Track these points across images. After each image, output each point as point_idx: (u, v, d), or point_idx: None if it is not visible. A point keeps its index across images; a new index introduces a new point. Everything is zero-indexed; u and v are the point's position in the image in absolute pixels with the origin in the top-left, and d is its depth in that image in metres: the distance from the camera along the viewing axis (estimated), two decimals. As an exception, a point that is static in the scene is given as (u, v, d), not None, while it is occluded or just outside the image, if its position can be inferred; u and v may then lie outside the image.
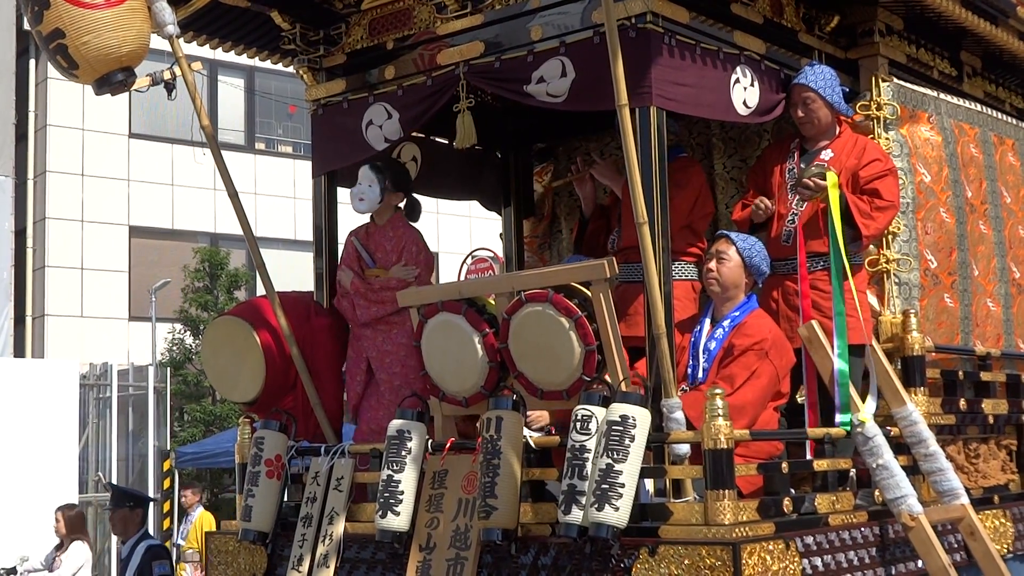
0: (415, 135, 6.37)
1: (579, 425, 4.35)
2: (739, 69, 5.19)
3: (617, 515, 4.15)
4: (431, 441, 4.97)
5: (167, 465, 16.51)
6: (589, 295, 4.65)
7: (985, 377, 5.98)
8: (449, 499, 4.82)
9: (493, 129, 6.60)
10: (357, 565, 5.06)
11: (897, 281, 5.57)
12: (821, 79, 5.42)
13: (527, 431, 4.66)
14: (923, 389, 5.36)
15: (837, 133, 5.52)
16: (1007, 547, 5.64)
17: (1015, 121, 6.82)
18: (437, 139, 6.63)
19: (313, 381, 5.57)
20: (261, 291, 5.77)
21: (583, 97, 5.00)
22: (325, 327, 5.75)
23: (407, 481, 4.85)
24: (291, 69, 6.22)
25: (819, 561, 4.47)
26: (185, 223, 22.22)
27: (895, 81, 5.80)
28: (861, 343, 4.99)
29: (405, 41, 5.78)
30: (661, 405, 4.56)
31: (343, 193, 5.96)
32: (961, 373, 5.83)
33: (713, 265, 5.14)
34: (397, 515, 4.81)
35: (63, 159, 21.26)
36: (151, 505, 9.94)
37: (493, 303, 5.06)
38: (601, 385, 4.55)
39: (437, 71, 5.53)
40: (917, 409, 5.02)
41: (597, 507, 4.16)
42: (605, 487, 4.16)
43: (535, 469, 4.72)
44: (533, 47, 5.19)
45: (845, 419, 4.78)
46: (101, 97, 5.38)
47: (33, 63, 21.32)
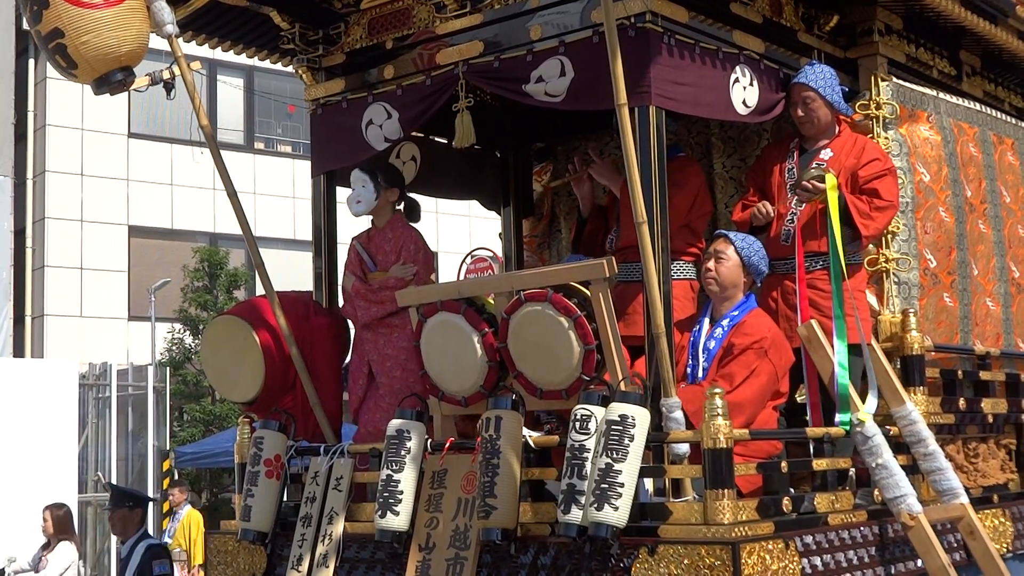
0: (414, 135, 6.37)
1: (578, 425, 4.34)
2: (738, 68, 5.19)
3: (616, 515, 4.15)
4: (430, 441, 4.96)
5: (166, 465, 16.53)
6: (588, 294, 4.64)
7: (984, 376, 5.98)
8: (448, 499, 4.82)
9: (492, 129, 6.60)
10: (356, 565, 5.06)
11: (896, 280, 5.57)
12: (821, 78, 5.42)
13: (527, 431, 4.66)
14: (922, 388, 5.36)
15: (836, 132, 5.52)
16: (1006, 546, 5.64)
17: (1014, 120, 6.82)
18: (436, 139, 6.63)
19: (312, 381, 5.56)
20: (260, 291, 5.76)
21: (582, 96, 5.00)
22: (324, 327, 5.75)
23: (406, 481, 4.84)
24: (290, 69, 6.22)
25: (819, 560, 4.47)
26: (184, 223, 22.20)
27: (894, 80, 5.80)
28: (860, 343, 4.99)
29: (404, 41, 5.78)
30: (660, 404, 4.56)
31: (342, 193, 5.95)
32: (960, 372, 5.83)
33: (712, 264, 5.14)
34: (396, 515, 4.80)
35: (62, 159, 21.23)
36: (150, 505, 9.93)
37: (492, 302, 5.06)
38: (600, 385, 4.55)
39: (436, 71, 5.53)
40: (916, 408, 5.02)
41: (596, 507, 4.16)
42: (604, 487, 4.16)
43: (534, 469, 4.71)
44: (532, 46, 5.19)
45: (844, 419, 4.78)
46: (100, 97, 5.37)
47: (32, 63, 21.29)
